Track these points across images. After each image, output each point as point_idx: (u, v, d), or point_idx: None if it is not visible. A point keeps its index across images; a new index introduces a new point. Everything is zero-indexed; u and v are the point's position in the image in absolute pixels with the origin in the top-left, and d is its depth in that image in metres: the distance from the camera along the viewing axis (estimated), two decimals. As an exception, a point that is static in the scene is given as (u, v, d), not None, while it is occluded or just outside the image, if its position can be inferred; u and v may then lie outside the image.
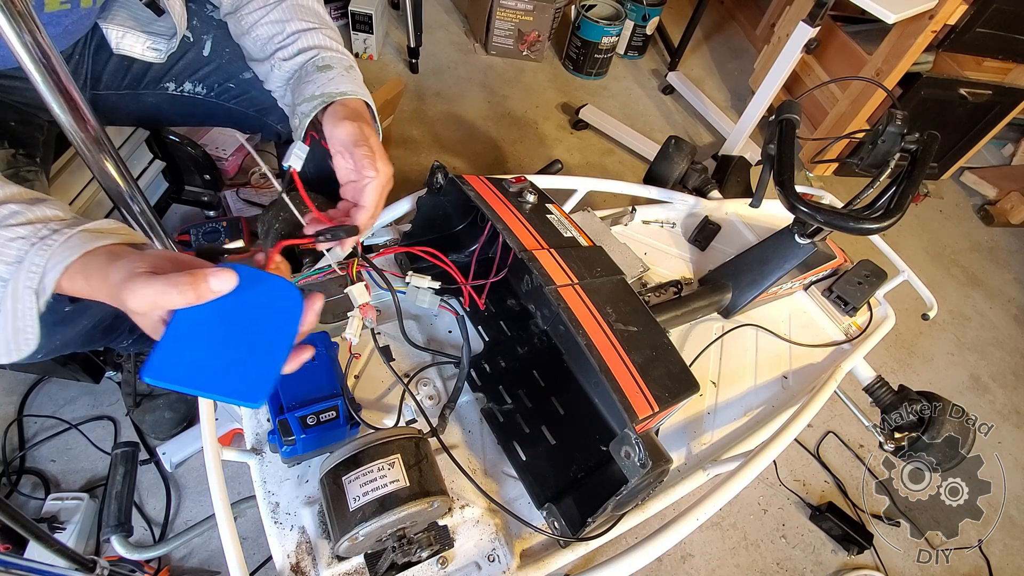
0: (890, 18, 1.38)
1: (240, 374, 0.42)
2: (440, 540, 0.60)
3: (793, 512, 1.31)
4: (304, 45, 0.71)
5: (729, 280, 0.94)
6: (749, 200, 0.95)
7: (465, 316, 0.75)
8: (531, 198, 0.72)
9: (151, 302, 0.41)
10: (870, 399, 0.94)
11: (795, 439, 0.91)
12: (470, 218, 0.83)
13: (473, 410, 0.73)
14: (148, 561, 0.97)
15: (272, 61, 0.72)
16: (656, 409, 0.53)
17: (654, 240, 1.06)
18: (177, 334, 0.41)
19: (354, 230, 0.60)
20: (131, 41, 0.76)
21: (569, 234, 0.71)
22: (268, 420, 0.65)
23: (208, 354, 0.42)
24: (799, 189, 0.81)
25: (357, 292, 0.63)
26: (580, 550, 0.64)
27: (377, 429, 0.58)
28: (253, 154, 0.55)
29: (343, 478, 0.52)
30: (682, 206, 1.09)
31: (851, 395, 1.01)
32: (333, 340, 0.65)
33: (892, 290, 1.05)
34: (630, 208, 1.06)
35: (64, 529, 0.97)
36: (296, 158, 0.59)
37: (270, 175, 0.56)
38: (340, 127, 0.62)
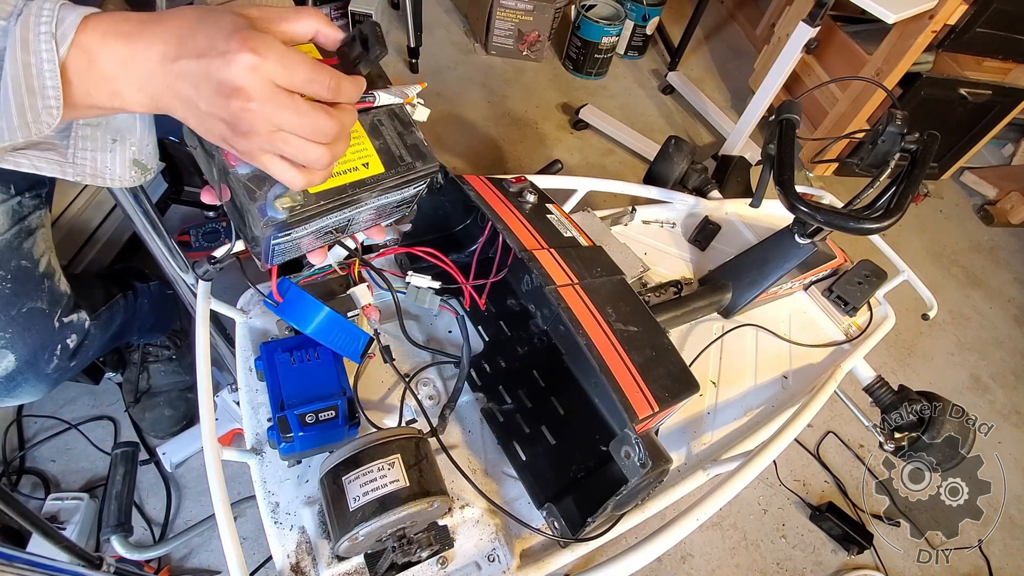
0: (890, 18, 1.38)
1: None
2: (440, 540, 0.60)
3: (793, 512, 1.31)
4: None
5: (729, 280, 0.94)
6: (749, 200, 0.95)
7: (465, 316, 0.75)
8: (531, 198, 0.72)
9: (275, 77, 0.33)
10: (870, 399, 0.94)
11: (795, 439, 0.91)
12: (470, 218, 0.83)
13: (473, 410, 0.73)
14: (148, 561, 0.97)
15: None
16: (656, 409, 0.53)
17: (654, 240, 1.06)
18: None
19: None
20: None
21: (569, 234, 0.71)
22: (268, 420, 0.65)
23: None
24: (799, 189, 0.81)
25: (360, 293, 0.63)
26: (580, 550, 0.64)
27: (377, 429, 0.58)
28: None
29: (343, 478, 0.52)
30: (682, 206, 1.09)
31: (851, 395, 1.01)
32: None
33: (892, 290, 1.05)
34: (630, 208, 1.06)
35: (64, 529, 0.97)
36: None
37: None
38: None
